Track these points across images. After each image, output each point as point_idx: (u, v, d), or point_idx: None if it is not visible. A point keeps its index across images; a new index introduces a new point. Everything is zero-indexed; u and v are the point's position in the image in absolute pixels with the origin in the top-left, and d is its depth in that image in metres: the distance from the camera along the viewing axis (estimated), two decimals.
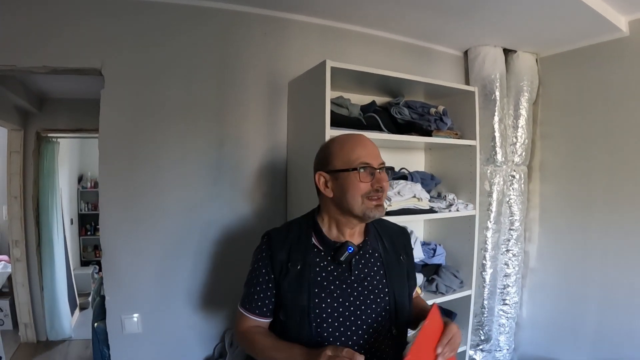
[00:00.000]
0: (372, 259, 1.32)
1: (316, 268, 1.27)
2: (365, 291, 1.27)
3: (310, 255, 1.29)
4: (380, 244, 1.36)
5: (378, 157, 1.28)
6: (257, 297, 1.32)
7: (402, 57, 2.58)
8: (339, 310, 1.24)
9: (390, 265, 1.33)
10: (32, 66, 1.85)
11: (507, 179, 2.78)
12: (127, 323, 1.97)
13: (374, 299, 1.27)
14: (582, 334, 2.73)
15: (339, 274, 1.27)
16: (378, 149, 1.31)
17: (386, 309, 1.28)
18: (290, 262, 1.28)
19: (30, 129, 3.97)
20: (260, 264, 1.33)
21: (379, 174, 1.25)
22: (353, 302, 1.25)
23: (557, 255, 2.89)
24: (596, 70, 2.61)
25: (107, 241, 1.95)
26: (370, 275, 1.29)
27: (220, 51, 2.10)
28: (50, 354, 4.00)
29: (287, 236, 1.34)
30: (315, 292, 1.24)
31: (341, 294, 1.25)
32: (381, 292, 1.29)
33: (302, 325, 1.23)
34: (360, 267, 1.29)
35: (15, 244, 3.99)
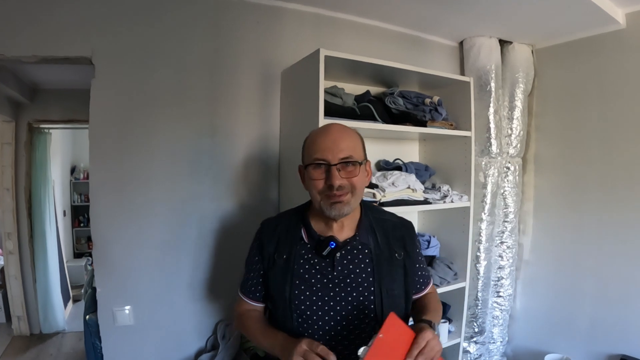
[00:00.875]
0: (361, 255, 1.28)
1: (300, 260, 1.27)
2: (348, 287, 1.25)
3: (297, 248, 1.29)
4: (372, 239, 1.31)
5: (340, 150, 1.20)
6: (251, 282, 1.37)
7: (396, 47, 2.56)
8: (318, 304, 1.24)
9: (380, 262, 1.28)
10: (21, 55, 1.81)
11: (501, 170, 2.76)
12: (119, 315, 1.94)
13: (356, 296, 1.24)
14: (575, 326, 2.73)
15: (321, 268, 1.26)
16: (349, 140, 1.23)
17: (370, 307, 1.24)
18: (276, 254, 1.30)
19: (21, 120, 3.95)
20: (253, 252, 1.39)
21: (335, 170, 1.19)
22: (333, 297, 1.24)
23: (551, 248, 2.89)
24: (592, 62, 2.59)
25: (98, 232, 1.92)
26: (354, 272, 1.26)
27: (212, 39, 2.07)
28: (43, 346, 4.01)
29: (277, 227, 1.35)
30: (296, 283, 1.25)
31: (322, 288, 1.25)
32: (366, 290, 1.25)
33: (286, 316, 1.26)
34: (345, 262, 1.26)
35: (7, 237, 3.99)
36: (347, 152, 1.21)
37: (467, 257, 2.35)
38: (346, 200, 1.21)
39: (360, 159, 1.24)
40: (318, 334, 1.23)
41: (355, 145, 1.25)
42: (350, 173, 1.21)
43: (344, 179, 1.20)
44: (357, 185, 1.22)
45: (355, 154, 1.22)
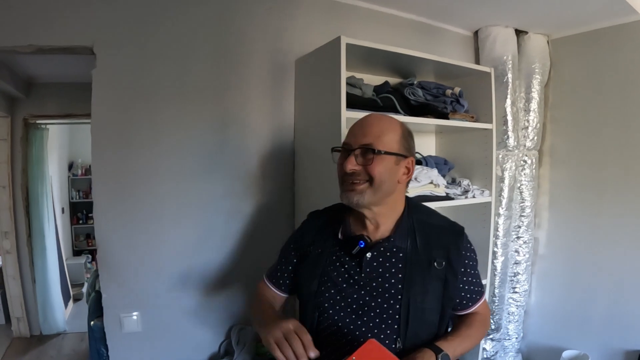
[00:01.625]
0: (394, 259, 1.19)
1: (332, 257, 1.23)
2: (373, 292, 1.17)
3: (331, 243, 1.24)
4: (410, 243, 1.21)
5: (363, 135, 1.15)
6: (279, 269, 1.38)
7: (410, 35, 2.48)
8: (341, 304, 1.19)
9: (414, 270, 1.17)
10: (17, 45, 1.70)
11: (518, 163, 2.70)
12: (126, 322, 1.86)
13: (381, 303, 1.16)
14: (591, 321, 2.69)
15: (349, 268, 1.20)
16: (379, 127, 1.17)
17: (394, 317, 1.15)
18: (312, 246, 1.28)
19: (17, 116, 3.85)
20: (291, 241, 1.38)
21: (352, 155, 1.14)
22: (356, 300, 1.17)
23: (566, 242, 2.84)
24: (610, 53, 2.53)
25: (102, 234, 1.82)
26: (383, 277, 1.17)
27: (221, 26, 1.97)
28: (44, 348, 3.93)
29: (317, 220, 1.32)
30: (324, 280, 1.22)
31: (347, 289, 1.19)
32: (392, 297, 1.16)
33: (308, 310, 1.23)
34: (375, 265, 1.18)
35: (4, 236, 3.91)
36: (369, 139, 1.14)
37: (488, 253, 2.28)
38: (360, 190, 1.14)
39: (387, 150, 1.14)
40: (336, 335, 1.18)
41: (384, 134, 1.16)
42: (368, 161, 1.13)
43: (359, 165, 1.14)
44: (375, 175, 1.13)
45: (380, 142, 1.14)
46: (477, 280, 1.30)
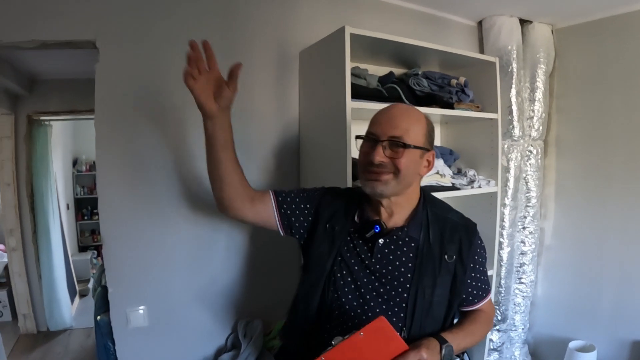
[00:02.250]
0: (405, 248, 1.20)
1: (347, 237, 1.25)
2: (382, 279, 1.19)
3: (348, 225, 1.25)
4: (423, 234, 1.22)
5: (392, 128, 1.15)
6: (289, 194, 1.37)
7: (414, 26, 2.46)
8: (351, 286, 1.22)
9: (425, 261, 1.19)
10: (19, 40, 1.68)
11: (524, 154, 2.69)
12: (133, 316, 1.86)
13: (389, 290, 1.18)
14: (598, 312, 2.70)
15: (361, 252, 1.22)
16: (407, 121, 1.17)
17: (401, 306, 1.17)
18: (329, 223, 1.28)
19: (21, 113, 3.86)
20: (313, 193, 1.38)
21: (380, 146, 1.14)
22: (365, 284, 1.20)
23: (572, 233, 2.84)
24: (615, 42, 2.52)
25: (108, 230, 1.81)
26: (393, 265, 1.19)
27: (224, 18, 1.95)
28: (51, 344, 3.96)
29: (337, 200, 1.32)
30: (338, 260, 1.24)
31: (357, 272, 1.22)
32: (400, 286, 1.18)
33: (319, 285, 1.24)
34: (386, 252, 1.20)
35: (10, 233, 3.92)
36: (398, 132, 1.14)
37: (494, 244, 2.28)
38: (385, 180, 1.15)
39: (414, 143, 1.15)
40: (343, 316, 1.21)
41: (412, 127, 1.16)
42: (396, 153, 1.14)
43: (386, 157, 1.14)
44: (402, 168, 1.14)
45: (408, 136, 1.15)
46: (485, 277, 1.32)
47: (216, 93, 1.17)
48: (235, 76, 1.16)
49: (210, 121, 1.20)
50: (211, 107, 1.17)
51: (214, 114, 1.18)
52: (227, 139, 1.24)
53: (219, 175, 1.27)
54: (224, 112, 1.21)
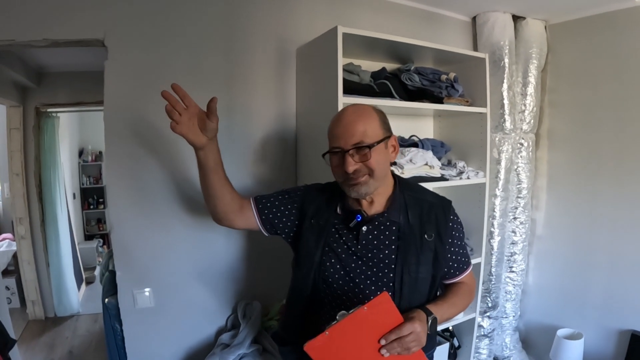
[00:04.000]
0: (387, 232, 1.29)
1: (332, 229, 1.32)
2: (369, 262, 1.27)
3: (332, 217, 1.33)
4: (403, 217, 1.30)
5: (351, 136, 1.21)
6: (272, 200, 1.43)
7: (410, 22, 2.53)
8: (340, 272, 1.29)
9: (407, 242, 1.27)
10: (32, 40, 1.77)
11: (515, 146, 2.77)
12: (139, 298, 1.96)
13: (376, 271, 1.27)
14: (587, 301, 2.78)
15: (347, 240, 1.30)
16: (361, 123, 1.23)
17: (389, 285, 1.26)
18: (314, 218, 1.35)
19: (29, 105, 3.95)
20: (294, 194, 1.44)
21: (348, 156, 1.21)
22: (354, 269, 1.28)
23: (564, 223, 2.91)
24: (606, 39, 2.58)
25: (115, 216, 1.92)
26: (378, 248, 1.28)
27: (225, 17, 2.04)
28: (59, 329, 4.07)
29: (320, 195, 1.39)
30: (326, 250, 1.31)
31: (346, 259, 1.29)
32: (386, 267, 1.27)
33: (309, 276, 1.32)
34: (370, 237, 1.28)
35: (19, 222, 4.01)
36: (358, 137, 1.21)
37: (482, 233, 2.36)
38: (363, 182, 1.23)
39: (374, 140, 1.22)
40: (335, 301, 1.29)
41: (369, 126, 1.23)
42: (364, 157, 1.21)
43: (358, 163, 1.21)
44: (374, 166, 1.22)
45: (368, 136, 1.22)
46: (464, 251, 1.40)
47: (200, 125, 1.24)
48: (212, 109, 1.22)
49: (201, 151, 1.27)
50: (200, 141, 1.24)
51: (203, 145, 1.26)
52: (216, 162, 1.32)
53: (211, 195, 1.36)
54: (212, 142, 1.28)
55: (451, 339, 2.51)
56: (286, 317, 1.46)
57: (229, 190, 1.37)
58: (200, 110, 1.25)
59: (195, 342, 2.11)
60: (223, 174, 1.36)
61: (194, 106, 1.24)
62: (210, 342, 2.12)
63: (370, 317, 1.06)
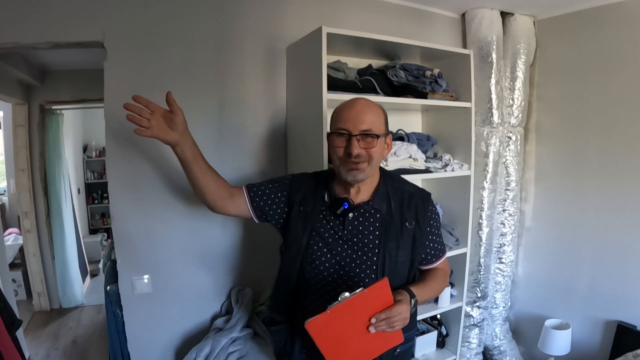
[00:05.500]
0: (372, 219, 1.38)
1: (319, 215, 1.41)
2: (354, 247, 1.37)
3: (318, 204, 1.42)
4: (386, 206, 1.40)
5: (361, 123, 1.30)
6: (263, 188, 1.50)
7: (399, 19, 2.60)
8: (327, 256, 1.38)
9: (389, 228, 1.37)
10: (36, 42, 1.86)
11: (503, 140, 2.82)
12: (138, 284, 2.05)
13: (361, 255, 1.36)
14: (574, 292, 2.83)
15: (334, 225, 1.38)
16: (371, 114, 1.32)
17: (372, 268, 1.36)
18: (302, 205, 1.43)
19: (33, 103, 4.04)
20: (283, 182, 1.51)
21: (355, 140, 1.29)
22: (340, 252, 1.37)
23: (551, 215, 2.96)
24: (594, 33, 2.62)
25: (117, 208, 2.02)
26: (362, 234, 1.37)
27: (217, 17, 2.12)
28: (63, 320, 4.18)
29: (307, 183, 1.48)
30: (313, 235, 1.39)
31: (332, 243, 1.38)
32: (370, 251, 1.36)
33: (297, 260, 1.40)
34: (356, 224, 1.38)
35: (25, 216, 4.11)
36: (368, 125, 1.30)
37: (468, 223, 2.44)
38: (362, 168, 1.32)
39: (380, 133, 1.33)
40: (321, 282, 1.38)
41: (376, 119, 1.33)
42: (369, 144, 1.31)
43: (362, 149, 1.30)
44: (374, 155, 1.33)
45: (375, 127, 1.31)
46: (441, 239, 1.53)
47: (168, 123, 1.32)
48: (171, 102, 1.31)
49: (177, 147, 1.36)
50: (173, 137, 1.34)
51: (177, 141, 1.35)
52: (194, 153, 1.40)
53: (197, 185, 1.45)
54: (184, 135, 1.36)
55: (439, 327, 2.59)
56: (275, 299, 1.54)
57: (213, 178, 1.46)
58: (164, 111, 1.33)
59: (192, 327, 2.21)
60: (204, 164, 1.44)
61: (158, 109, 1.32)
62: (206, 326, 2.22)
63: (369, 300, 1.15)
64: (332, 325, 1.15)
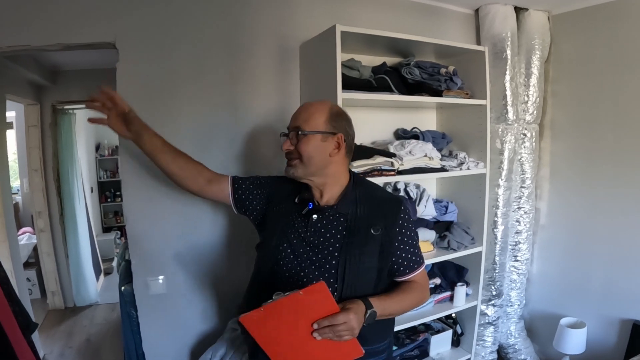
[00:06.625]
0: (336, 222, 1.37)
1: (290, 216, 1.43)
2: (315, 249, 1.36)
3: (290, 206, 1.44)
4: (352, 210, 1.38)
5: (294, 120, 1.38)
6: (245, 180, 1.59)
7: (412, 16, 2.56)
8: (290, 257, 1.38)
9: (353, 233, 1.35)
10: (46, 44, 1.86)
11: (518, 137, 2.79)
12: (153, 285, 2.06)
13: (320, 258, 1.34)
14: (589, 290, 2.80)
15: (299, 226, 1.39)
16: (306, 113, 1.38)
17: (332, 272, 1.32)
18: (276, 206, 1.49)
19: (45, 103, 4.07)
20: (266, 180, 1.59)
21: (285, 137, 1.39)
22: (302, 254, 1.37)
23: (566, 212, 2.93)
24: (610, 29, 2.58)
25: (130, 209, 2.02)
26: (324, 237, 1.36)
27: (228, 15, 2.10)
28: (77, 318, 4.21)
29: (286, 185, 1.50)
30: (281, 236, 1.41)
31: (297, 244, 1.38)
32: (330, 254, 1.34)
33: (267, 258, 1.43)
34: (319, 226, 1.37)
35: (38, 215, 4.14)
36: (298, 122, 1.37)
37: (483, 222, 2.42)
38: (294, 165, 1.38)
39: (313, 129, 1.35)
40: (287, 281, 1.36)
41: (312, 116, 1.37)
42: (298, 141, 1.36)
43: (291, 146, 1.37)
44: (304, 153, 1.35)
45: (307, 124, 1.36)
46: (416, 250, 1.43)
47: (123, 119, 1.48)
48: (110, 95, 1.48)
49: (135, 140, 1.50)
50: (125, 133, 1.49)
51: (129, 137, 1.50)
52: (154, 146, 1.51)
53: (166, 173, 1.57)
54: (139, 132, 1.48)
55: (454, 325, 2.57)
56: (247, 299, 1.52)
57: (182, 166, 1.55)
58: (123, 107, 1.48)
59: (207, 327, 2.21)
60: (171, 154, 1.54)
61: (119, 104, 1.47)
62: (221, 327, 2.19)
63: (306, 302, 1.11)
64: (270, 324, 1.15)
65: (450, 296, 2.45)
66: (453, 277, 2.50)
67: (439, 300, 2.44)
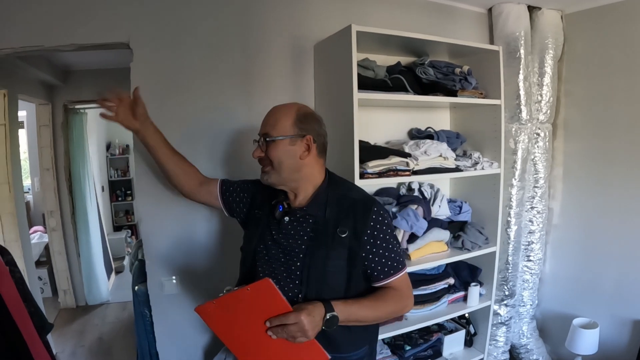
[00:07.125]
0: (304, 224, 1.36)
1: (266, 219, 1.45)
2: (284, 251, 1.36)
3: (268, 209, 1.47)
4: (320, 212, 1.35)
5: (264, 126, 1.38)
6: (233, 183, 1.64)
7: (425, 16, 2.55)
8: (265, 258, 1.40)
9: (318, 235, 1.32)
10: (60, 45, 1.87)
11: (531, 136, 2.77)
12: (167, 285, 2.06)
13: (287, 260, 1.35)
14: (602, 291, 2.78)
15: (273, 228, 1.41)
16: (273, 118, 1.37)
17: (297, 274, 1.31)
18: (257, 209, 1.51)
19: (57, 102, 4.09)
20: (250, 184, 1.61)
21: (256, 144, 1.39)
22: (273, 255, 1.38)
23: (579, 212, 2.92)
24: (623, 28, 2.56)
25: (143, 209, 2.03)
26: (293, 238, 1.36)
27: (242, 15, 2.10)
28: (89, 317, 4.24)
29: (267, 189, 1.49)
30: (259, 238, 1.43)
31: (271, 245, 1.40)
32: (295, 256, 1.33)
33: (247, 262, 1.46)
34: (289, 227, 1.37)
35: (50, 214, 4.17)
36: (266, 129, 1.37)
37: (497, 222, 2.40)
38: (267, 171, 1.37)
39: (280, 134, 1.33)
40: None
41: (278, 121, 1.35)
42: (267, 148, 1.35)
43: (261, 152, 1.36)
44: (274, 159, 1.34)
45: (274, 130, 1.34)
46: (393, 255, 1.35)
47: (132, 112, 1.49)
48: (137, 96, 1.49)
49: (139, 134, 1.54)
50: (134, 125, 1.51)
51: (137, 129, 1.52)
52: (156, 141, 1.57)
53: (162, 170, 1.64)
54: (145, 124, 1.53)
55: (467, 325, 2.57)
56: None
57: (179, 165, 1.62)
58: (130, 101, 1.50)
59: None
60: (169, 152, 1.60)
61: (125, 100, 1.49)
62: None
63: (254, 298, 1.11)
64: (224, 317, 1.19)
65: (464, 296, 2.44)
66: (467, 277, 2.49)
67: (453, 300, 2.43)
